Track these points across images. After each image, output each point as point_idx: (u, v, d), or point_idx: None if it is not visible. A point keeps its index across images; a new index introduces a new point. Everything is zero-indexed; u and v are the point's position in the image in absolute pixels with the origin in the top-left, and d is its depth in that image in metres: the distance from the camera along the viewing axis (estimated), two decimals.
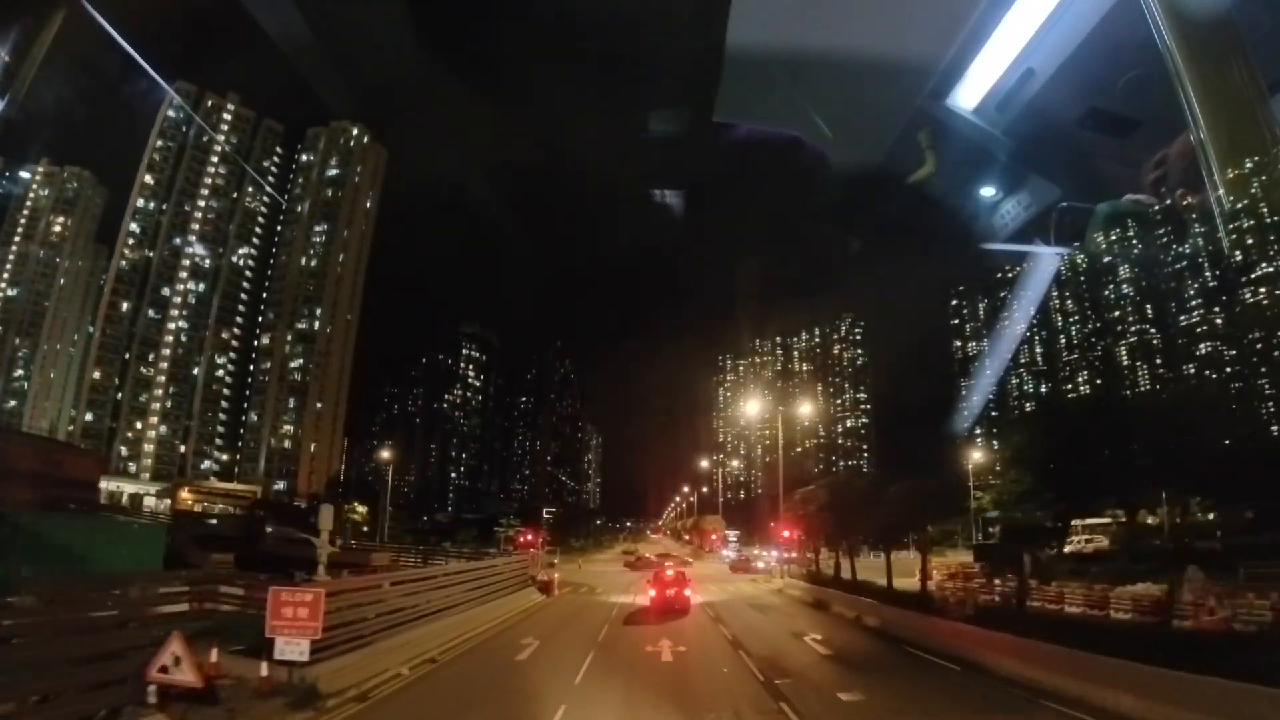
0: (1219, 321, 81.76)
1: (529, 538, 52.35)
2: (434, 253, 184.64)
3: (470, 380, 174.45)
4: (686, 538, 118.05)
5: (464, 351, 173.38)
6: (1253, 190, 63.44)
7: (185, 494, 76.90)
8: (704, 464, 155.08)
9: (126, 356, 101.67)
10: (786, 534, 41.17)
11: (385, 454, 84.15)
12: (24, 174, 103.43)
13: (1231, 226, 68.65)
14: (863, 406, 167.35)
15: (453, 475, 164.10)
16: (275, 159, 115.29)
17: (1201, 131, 39.99)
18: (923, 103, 26.20)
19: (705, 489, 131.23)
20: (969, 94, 27.47)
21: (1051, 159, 30.32)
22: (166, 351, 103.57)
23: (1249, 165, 60.00)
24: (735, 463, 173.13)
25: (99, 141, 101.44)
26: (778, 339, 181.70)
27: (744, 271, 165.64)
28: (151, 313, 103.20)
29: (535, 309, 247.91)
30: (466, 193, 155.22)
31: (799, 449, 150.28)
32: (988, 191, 30.47)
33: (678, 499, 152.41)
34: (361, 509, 76.91)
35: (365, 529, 73.85)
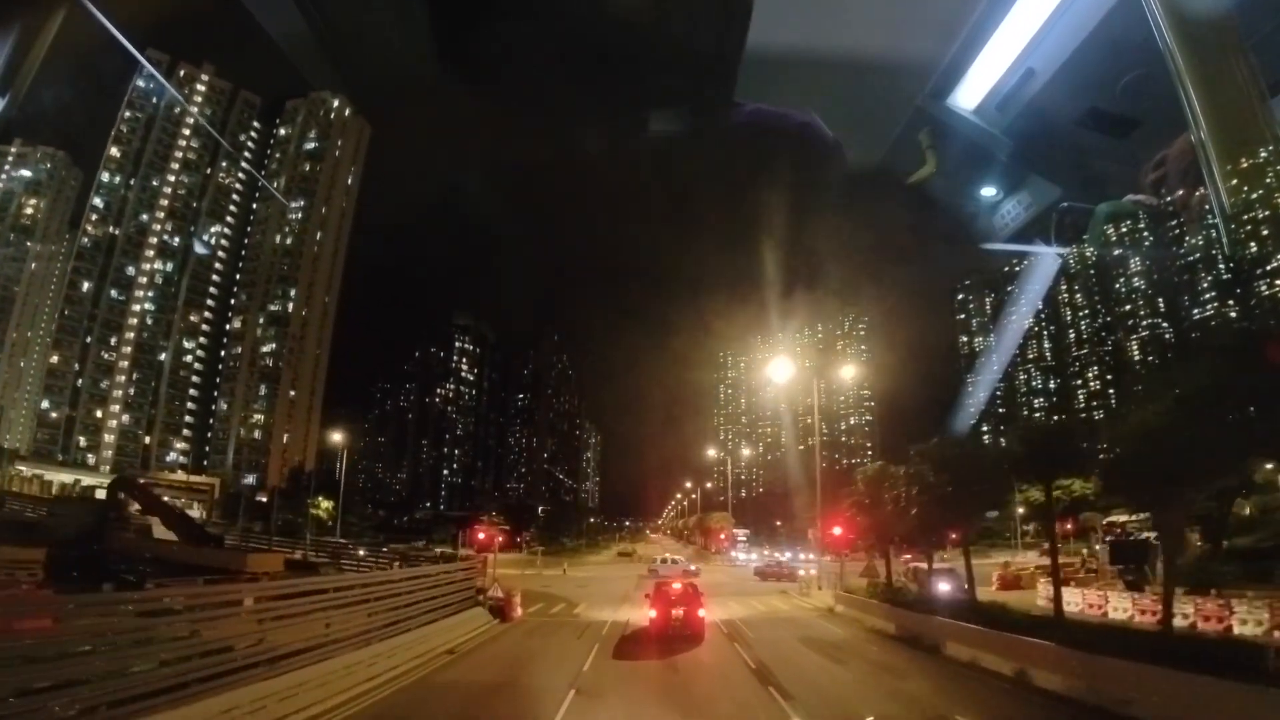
0: (1233, 315, 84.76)
1: (483, 536, 38.82)
2: (427, 241, 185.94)
3: (464, 374, 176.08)
4: (691, 537, 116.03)
5: (457, 344, 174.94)
6: (1268, 181, 66.07)
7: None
8: (711, 452, 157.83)
9: (87, 340, 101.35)
10: (837, 531, 32.08)
11: (337, 436, 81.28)
12: None
13: (1246, 217, 71.36)
14: (867, 404, 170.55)
15: (445, 472, 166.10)
16: (252, 133, 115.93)
17: (1202, 131, 42.10)
18: (923, 103, 28.43)
19: (709, 484, 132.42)
20: (969, 94, 29.75)
21: (1052, 159, 32.65)
22: (130, 335, 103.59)
23: (1264, 155, 62.56)
24: (746, 451, 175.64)
25: (69, 118, 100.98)
26: (779, 335, 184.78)
27: (744, 268, 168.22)
28: (114, 293, 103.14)
29: (531, 302, 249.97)
30: (461, 181, 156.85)
31: (801, 446, 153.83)
32: (988, 191, 32.81)
33: (679, 496, 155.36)
34: (326, 503, 77.33)
35: (331, 525, 74.40)
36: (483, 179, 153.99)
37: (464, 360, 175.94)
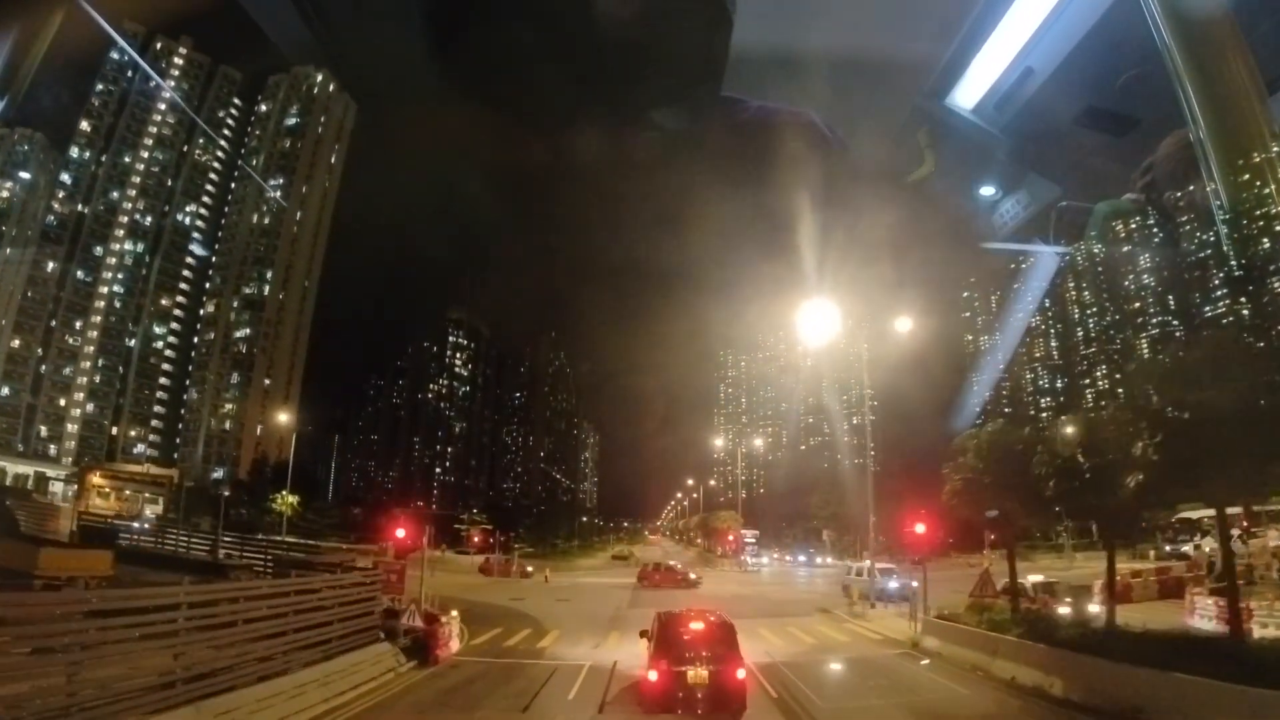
0: (1245, 312, 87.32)
1: (403, 535, 29.74)
2: (422, 234, 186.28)
3: (457, 370, 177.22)
4: (697, 539, 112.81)
5: (451, 339, 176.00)
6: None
7: (97, 478, 78.08)
8: (718, 442, 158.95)
9: (51, 324, 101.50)
10: (920, 529, 25.22)
11: (284, 417, 77.42)
12: None
13: (1259, 213, 73.57)
14: (870, 403, 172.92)
15: (437, 470, 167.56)
16: (232, 110, 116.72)
17: (1201, 129, 44.13)
18: (921, 101, 30.32)
19: (712, 481, 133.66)
20: (968, 93, 31.70)
21: (1050, 158, 34.65)
22: (97, 319, 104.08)
23: (1275, 150, 64.66)
24: (759, 442, 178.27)
25: (45, 97, 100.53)
26: (780, 334, 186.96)
27: (745, 267, 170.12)
28: (81, 274, 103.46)
29: (528, 299, 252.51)
30: (457, 175, 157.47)
31: (802, 446, 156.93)
32: (987, 190, 34.77)
33: (679, 495, 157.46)
34: (291, 499, 78.27)
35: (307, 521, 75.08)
36: (480, 174, 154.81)
37: (458, 356, 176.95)
